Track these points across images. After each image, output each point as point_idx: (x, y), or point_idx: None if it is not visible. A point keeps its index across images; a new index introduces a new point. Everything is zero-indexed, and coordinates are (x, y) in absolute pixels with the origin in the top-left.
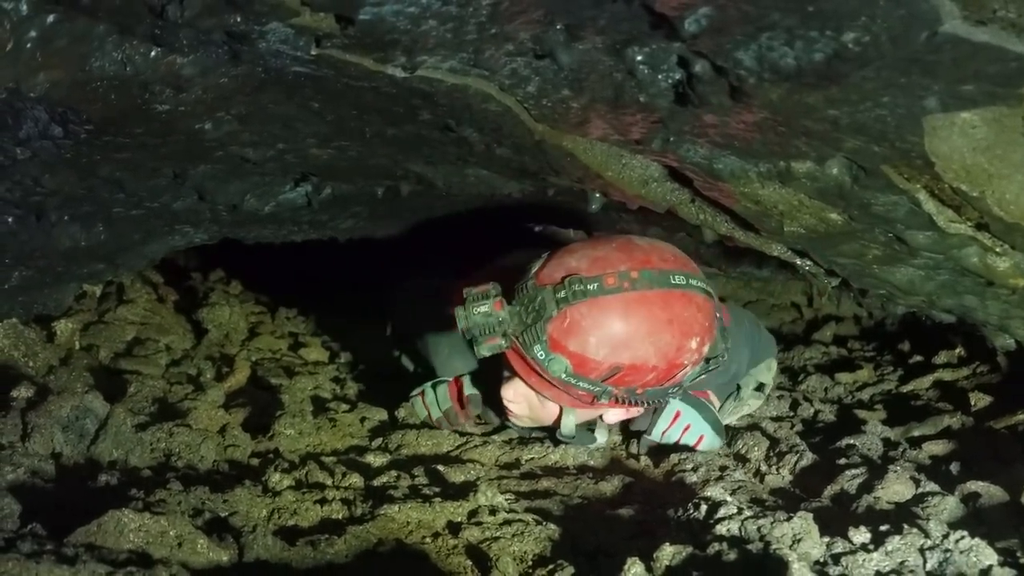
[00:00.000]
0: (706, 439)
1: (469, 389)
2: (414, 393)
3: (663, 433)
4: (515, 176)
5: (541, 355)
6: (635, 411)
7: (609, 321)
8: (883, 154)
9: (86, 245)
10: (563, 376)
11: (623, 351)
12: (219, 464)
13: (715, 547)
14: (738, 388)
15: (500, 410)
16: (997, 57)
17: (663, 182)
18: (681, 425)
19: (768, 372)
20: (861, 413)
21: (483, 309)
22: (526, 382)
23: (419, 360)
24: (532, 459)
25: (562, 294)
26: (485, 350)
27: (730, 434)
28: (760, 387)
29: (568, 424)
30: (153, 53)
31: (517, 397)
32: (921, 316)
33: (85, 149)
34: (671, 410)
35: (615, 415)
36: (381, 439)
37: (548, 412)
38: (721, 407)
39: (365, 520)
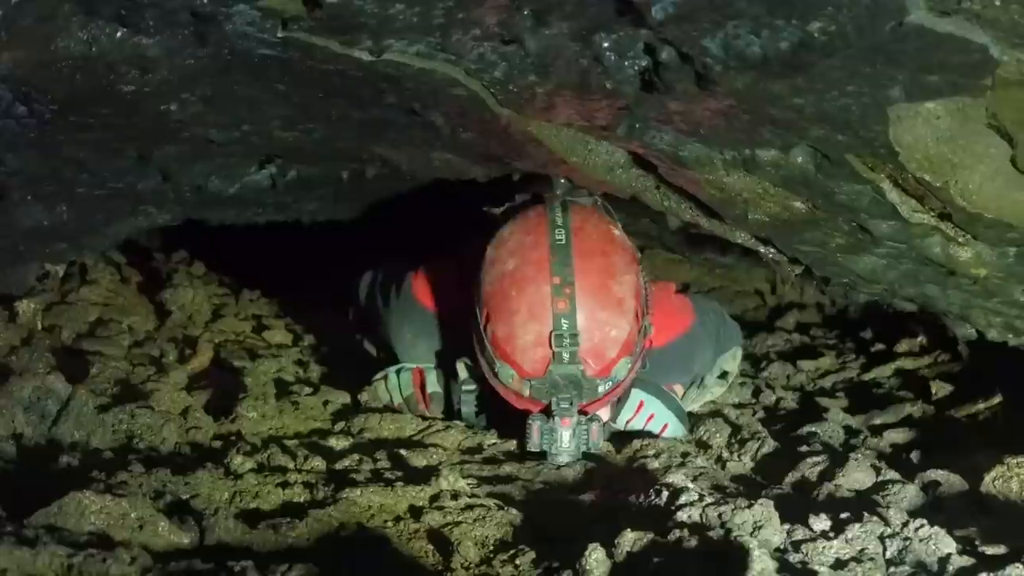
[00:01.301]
0: (670, 428)
1: (432, 387)
2: (376, 377)
3: (627, 422)
4: (480, 160)
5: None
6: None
7: None
8: (847, 143)
9: (49, 225)
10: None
11: None
12: (181, 446)
13: (676, 533)
14: (701, 377)
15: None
16: (961, 48)
17: (628, 168)
18: (645, 415)
19: (733, 361)
20: (823, 401)
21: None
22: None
23: (382, 345)
24: (494, 444)
25: None
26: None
27: (692, 421)
28: (724, 375)
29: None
30: (119, 34)
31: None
32: (883, 305)
33: (49, 129)
34: (635, 400)
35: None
36: (344, 423)
37: None
38: (684, 395)
39: (327, 504)
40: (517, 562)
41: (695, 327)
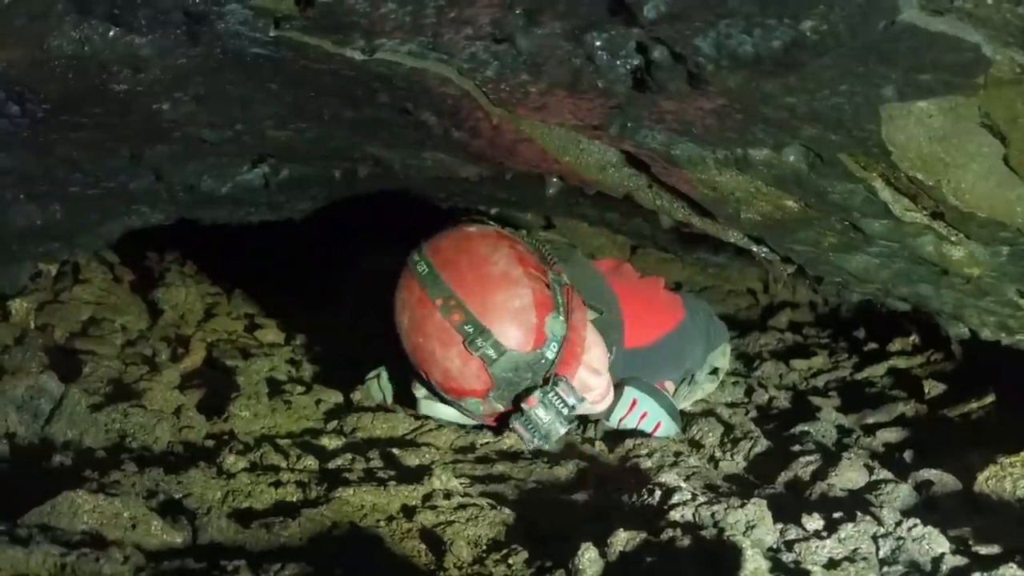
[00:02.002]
0: (663, 426)
1: (418, 391)
2: (369, 376)
3: (620, 420)
4: (473, 160)
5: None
6: None
7: None
8: (840, 142)
9: (42, 224)
10: None
11: None
12: (174, 445)
13: (669, 533)
14: (692, 373)
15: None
16: (953, 47)
17: (621, 167)
18: (638, 413)
19: (723, 357)
20: (815, 400)
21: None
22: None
23: (375, 342)
24: (487, 443)
25: None
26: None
27: (685, 419)
28: (715, 371)
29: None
30: (111, 33)
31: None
32: (876, 304)
33: (42, 128)
34: (627, 398)
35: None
36: (336, 422)
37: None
38: (675, 392)
39: (319, 503)
40: (510, 561)
41: (685, 323)
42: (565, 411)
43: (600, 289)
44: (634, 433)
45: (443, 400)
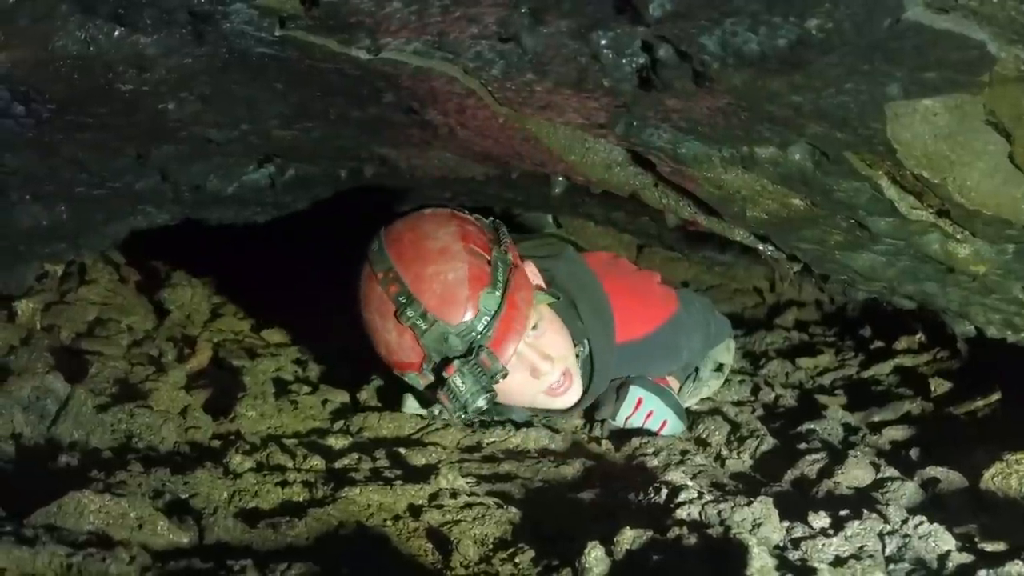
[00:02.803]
0: (669, 424)
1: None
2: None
3: (626, 419)
4: (479, 159)
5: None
6: None
7: None
8: (845, 140)
9: (48, 225)
10: None
11: None
12: (180, 446)
13: (675, 531)
14: (696, 370)
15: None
16: (959, 44)
17: (626, 166)
18: (644, 411)
19: (727, 352)
20: (822, 398)
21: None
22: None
23: None
24: (493, 442)
25: None
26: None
27: (691, 418)
28: (719, 367)
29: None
30: (117, 33)
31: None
32: (882, 302)
33: (47, 128)
34: (633, 397)
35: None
36: (342, 421)
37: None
38: (680, 390)
39: (326, 503)
40: (516, 560)
41: (678, 315)
42: (485, 380)
43: (588, 285)
44: (640, 432)
45: (402, 385)
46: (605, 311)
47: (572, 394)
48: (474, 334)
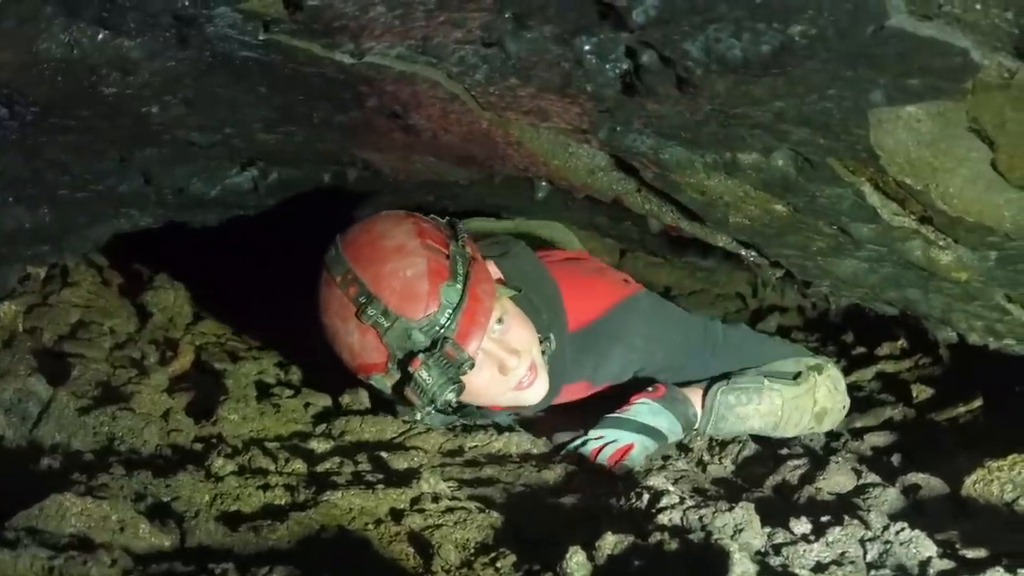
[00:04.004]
0: (637, 446)
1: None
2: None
3: (584, 442)
4: (462, 163)
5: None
6: None
7: None
8: (828, 146)
9: (31, 227)
10: None
11: None
12: (162, 449)
13: (657, 536)
14: (727, 377)
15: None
16: (942, 52)
17: (609, 171)
18: (609, 449)
19: (798, 363)
20: None
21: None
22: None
23: None
24: (475, 447)
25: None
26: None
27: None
28: (796, 375)
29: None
30: (101, 36)
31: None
32: (864, 308)
33: (31, 131)
34: (594, 432)
35: None
36: (324, 425)
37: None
38: (708, 394)
39: (308, 506)
40: (498, 565)
41: (635, 297)
42: (451, 372)
43: (537, 276)
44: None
45: (369, 389)
46: (555, 300)
47: (539, 387)
48: (437, 328)
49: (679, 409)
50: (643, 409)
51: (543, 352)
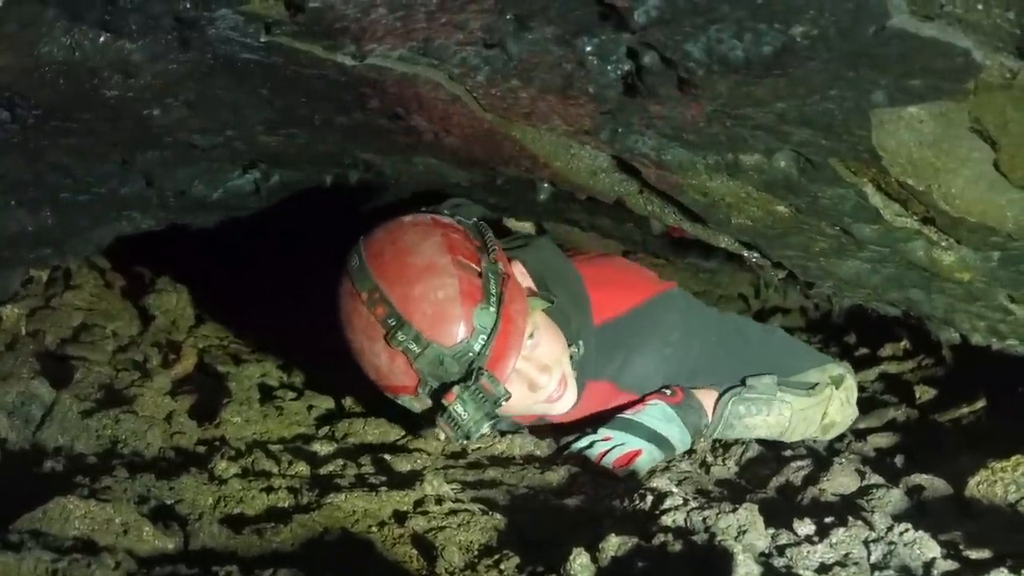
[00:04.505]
0: (645, 453)
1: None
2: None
3: (591, 442)
4: (464, 165)
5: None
6: None
7: None
8: (830, 147)
9: (33, 230)
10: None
11: None
12: (165, 451)
13: (660, 538)
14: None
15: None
16: (943, 52)
17: (611, 172)
18: (616, 452)
19: (823, 373)
20: None
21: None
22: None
23: None
24: (478, 449)
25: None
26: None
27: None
28: (812, 387)
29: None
30: (102, 39)
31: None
32: (867, 309)
33: (32, 134)
34: (601, 432)
35: None
36: (328, 427)
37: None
38: (720, 401)
39: (311, 509)
40: (501, 567)
41: (671, 293)
42: (487, 406)
43: (562, 269)
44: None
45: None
46: (580, 294)
47: (568, 399)
48: (471, 355)
49: (691, 419)
50: (656, 413)
51: (571, 357)
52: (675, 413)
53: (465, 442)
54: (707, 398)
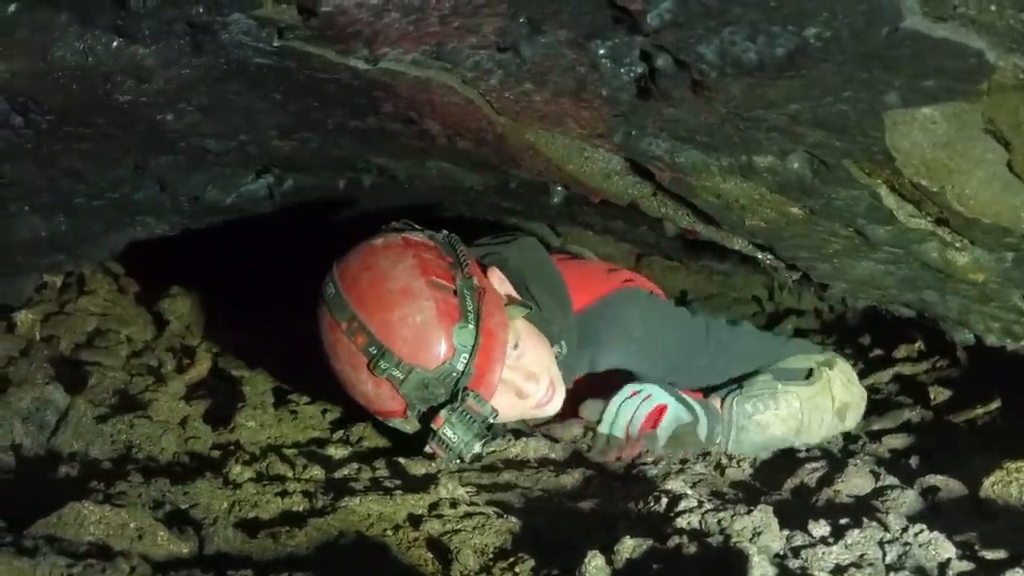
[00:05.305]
0: (671, 409)
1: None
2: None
3: (619, 406)
4: (477, 169)
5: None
6: None
7: None
8: (844, 149)
9: (46, 236)
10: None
11: None
12: (180, 456)
13: (675, 540)
14: (740, 386)
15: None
16: (956, 53)
17: (625, 175)
18: (640, 397)
19: (807, 360)
20: None
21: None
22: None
23: None
24: (493, 452)
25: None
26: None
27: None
28: (809, 374)
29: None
30: (115, 44)
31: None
32: (881, 310)
33: (46, 139)
34: (627, 388)
35: None
36: (342, 431)
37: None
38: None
39: (326, 512)
40: (516, 570)
41: (635, 290)
42: (476, 427)
43: (545, 268)
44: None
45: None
46: (562, 292)
47: (557, 401)
48: (454, 375)
49: (712, 419)
50: (679, 392)
51: (556, 357)
52: (695, 402)
53: (458, 462)
54: None
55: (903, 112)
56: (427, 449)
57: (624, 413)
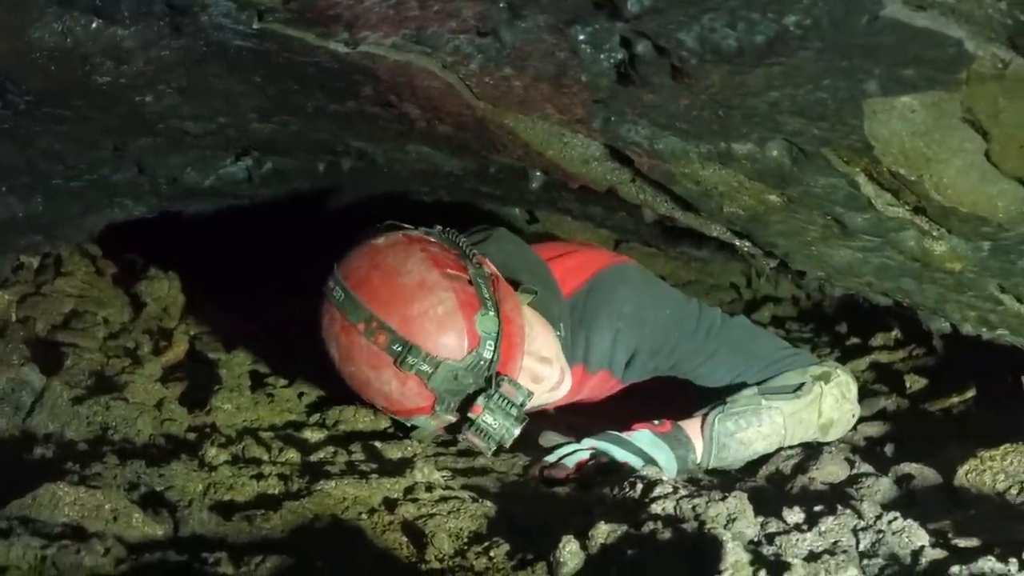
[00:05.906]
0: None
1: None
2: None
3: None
4: (456, 153)
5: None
6: None
7: None
8: (823, 137)
9: (24, 216)
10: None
11: None
12: (155, 438)
13: (650, 526)
14: (724, 402)
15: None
16: (936, 42)
17: (604, 161)
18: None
19: (803, 374)
20: None
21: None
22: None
23: None
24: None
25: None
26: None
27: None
28: (798, 388)
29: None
30: (94, 25)
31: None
32: (858, 298)
33: (24, 120)
34: (586, 443)
35: None
36: (318, 415)
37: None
38: (707, 420)
39: (301, 496)
40: (491, 554)
41: (624, 266)
42: (514, 412)
43: (526, 257)
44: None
45: (396, 423)
46: (547, 277)
47: (567, 383)
48: (483, 363)
49: (679, 452)
50: (644, 438)
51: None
52: (662, 441)
53: (495, 449)
54: (691, 427)
55: (882, 101)
56: (461, 440)
57: (576, 457)
